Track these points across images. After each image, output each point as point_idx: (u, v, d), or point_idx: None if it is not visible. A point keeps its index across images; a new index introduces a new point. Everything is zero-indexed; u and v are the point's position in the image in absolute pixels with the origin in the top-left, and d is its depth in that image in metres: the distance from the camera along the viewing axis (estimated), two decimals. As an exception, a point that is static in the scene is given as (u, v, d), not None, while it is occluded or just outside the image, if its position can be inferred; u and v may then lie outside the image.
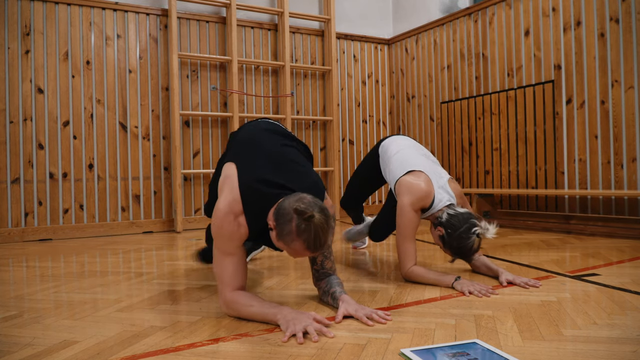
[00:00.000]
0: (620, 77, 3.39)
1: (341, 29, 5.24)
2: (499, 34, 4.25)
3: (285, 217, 1.49)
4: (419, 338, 1.44)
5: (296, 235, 1.48)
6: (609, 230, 3.43)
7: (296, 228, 1.47)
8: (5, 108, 3.74)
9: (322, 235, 1.49)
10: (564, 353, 1.30)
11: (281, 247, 1.57)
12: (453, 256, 2.04)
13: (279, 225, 1.51)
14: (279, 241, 1.54)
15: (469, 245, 1.96)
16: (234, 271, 1.64)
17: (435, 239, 2.10)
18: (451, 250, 2.02)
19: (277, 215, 1.52)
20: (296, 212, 1.47)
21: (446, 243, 2.01)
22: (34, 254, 3.17)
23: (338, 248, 3.18)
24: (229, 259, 1.63)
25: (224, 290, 1.65)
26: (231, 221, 1.60)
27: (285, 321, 1.51)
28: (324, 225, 1.50)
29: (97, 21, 4.08)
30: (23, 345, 1.43)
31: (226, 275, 1.64)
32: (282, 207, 1.52)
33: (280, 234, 1.51)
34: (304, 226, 1.47)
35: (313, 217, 1.48)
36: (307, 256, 1.58)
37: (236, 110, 4.48)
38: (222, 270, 1.64)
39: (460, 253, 2.00)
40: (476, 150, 4.46)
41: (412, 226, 2.09)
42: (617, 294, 1.87)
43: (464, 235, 1.96)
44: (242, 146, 1.81)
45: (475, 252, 2.02)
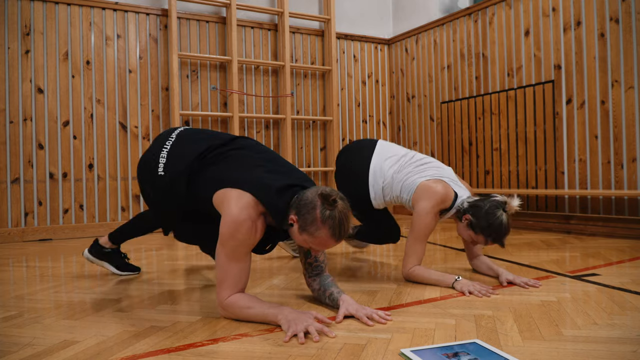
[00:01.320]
0: (620, 77, 3.39)
1: (341, 29, 5.24)
2: (499, 34, 4.25)
3: (309, 206, 1.50)
4: (419, 338, 1.44)
5: (321, 222, 1.48)
6: (609, 230, 3.44)
7: (320, 215, 1.48)
8: (5, 108, 3.74)
9: (345, 222, 1.50)
10: (564, 353, 1.30)
11: (304, 241, 1.55)
12: (487, 239, 1.99)
13: (301, 216, 1.51)
14: (302, 234, 1.53)
15: (499, 220, 1.95)
16: (238, 277, 1.61)
17: (464, 234, 2.08)
18: (484, 233, 1.98)
19: (299, 207, 1.52)
20: (321, 196, 1.48)
21: (476, 226, 1.99)
22: (34, 254, 3.17)
23: (338, 248, 3.18)
24: (235, 265, 1.59)
25: (222, 294, 1.61)
26: (249, 227, 1.55)
27: (287, 321, 1.50)
28: (347, 212, 1.51)
29: (97, 21, 4.08)
30: (23, 345, 1.43)
31: (229, 280, 1.60)
32: (305, 197, 1.52)
33: (304, 225, 1.51)
34: (329, 213, 1.47)
35: (337, 203, 1.49)
36: (330, 247, 1.57)
37: (236, 110, 4.48)
38: (225, 274, 1.60)
39: (492, 231, 1.96)
40: (476, 150, 4.46)
41: (428, 229, 2.09)
42: (617, 294, 1.87)
43: (491, 212, 1.96)
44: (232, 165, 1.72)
45: (507, 229, 1.97)
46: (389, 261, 2.72)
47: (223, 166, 1.71)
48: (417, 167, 2.23)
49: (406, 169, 2.23)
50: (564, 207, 3.77)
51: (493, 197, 2.02)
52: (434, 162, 2.27)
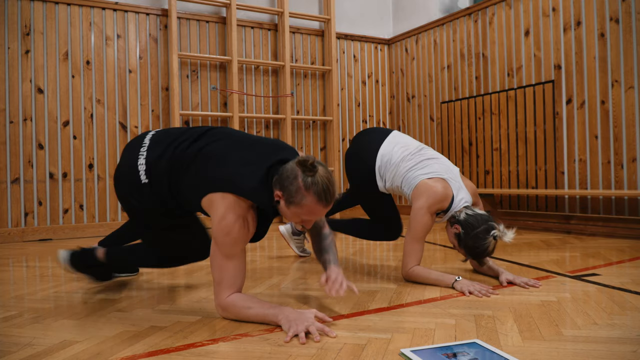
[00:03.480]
0: (620, 77, 3.39)
1: (341, 29, 5.24)
2: (499, 34, 4.25)
3: (290, 177, 1.50)
4: (419, 338, 1.44)
5: (305, 190, 1.48)
6: (609, 230, 3.43)
7: (303, 183, 1.48)
8: (5, 108, 3.74)
9: (330, 185, 1.50)
10: (564, 353, 1.30)
11: (292, 215, 1.54)
12: (466, 256, 2.03)
13: (285, 189, 1.51)
14: (289, 207, 1.53)
15: (485, 246, 1.96)
16: (235, 275, 1.60)
17: (450, 238, 2.09)
18: (465, 250, 2.01)
19: (281, 180, 1.52)
20: (299, 163, 1.48)
21: (461, 241, 2.01)
22: (34, 254, 3.17)
23: (338, 248, 3.18)
24: (231, 263, 1.59)
25: (221, 294, 1.61)
26: (242, 225, 1.55)
27: (287, 321, 1.50)
28: (329, 175, 1.52)
29: (97, 21, 4.08)
30: (23, 345, 1.43)
31: (226, 279, 1.60)
32: (284, 170, 1.52)
33: (289, 198, 1.51)
34: (310, 179, 1.48)
35: (316, 167, 1.49)
36: (321, 215, 1.57)
37: (236, 111, 4.48)
38: (222, 274, 1.60)
39: (475, 253, 1.99)
40: (476, 150, 4.46)
41: (424, 229, 2.09)
42: (617, 294, 1.87)
43: (481, 236, 1.96)
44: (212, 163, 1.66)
45: (490, 254, 2.01)
46: (389, 261, 2.72)
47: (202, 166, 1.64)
48: (423, 161, 2.20)
49: (411, 160, 2.21)
50: (564, 207, 3.77)
51: (490, 221, 1.98)
52: (442, 159, 2.25)
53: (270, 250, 3.11)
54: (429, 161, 2.21)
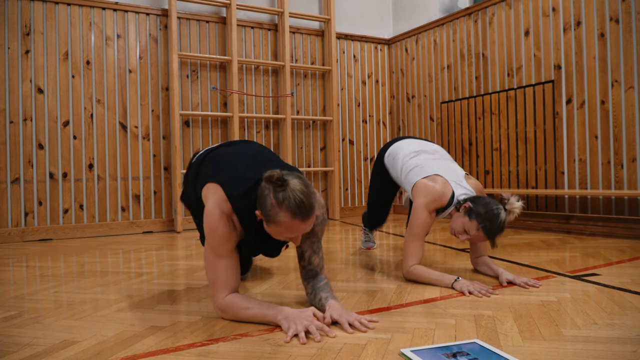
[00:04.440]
0: (620, 77, 3.39)
1: (341, 29, 5.24)
2: (499, 34, 4.25)
3: (263, 194, 1.46)
4: (419, 338, 1.44)
5: (277, 206, 1.42)
6: (609, 230, 3.43)
7: (274, 199, 1.42)
8: (5, 108, 3.74)
9: (304, 198, 1.42)
10: (564, 353, 1.30)
11: (276, 233, 1.50)
12: (479, 225, 1.96)
13: (262, 208, 1.47)
14: (269, 226, 1.49)
15: (497, 212, 1.95)
16: (228, 274, 1.60)
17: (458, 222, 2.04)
18: (478, 218, 1.97)
19: (259, 199, 1.49)
20: (267, 180, 1.43)
21: (472, 212, 1.99)
22: (34, 254, 3.17)
23: (338, 248, 3.18)
24: (223, 262, 1.59)
25: (218, 295, 1.61)
26: (226, 222, 1.56)
27: (287, 321, 1.50)
28: (302, 188, 1.43)
29: (97, 21, 4.08)
30: (23, 345, 1.43)
31: (220, 279, 1.60)
32: (260, 189, 1.50)
33: (266, 216, 1.46)
34: (282, 194, 1.41)
35: (286, 181, 1.42)
36: (302, 231, 1.49)
37: (236, 111, 4.48)
38: (216, 274, 1.60)
39: (488, 219, 1.95)
40: (476, 150, 4.46)
41: (424, 226, 2.10)
42: (617, 294, 1.87)
43: (492, 203, 1.98)
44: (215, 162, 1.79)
45: (502, 227, 1.97)
46: (389, 261, 2.72)
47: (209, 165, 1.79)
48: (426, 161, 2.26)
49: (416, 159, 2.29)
50: (564, 207, 3.77)
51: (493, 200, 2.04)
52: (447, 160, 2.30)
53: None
54: (433, 162, 2.25)
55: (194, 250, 3.22)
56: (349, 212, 5.23)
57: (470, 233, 2.01)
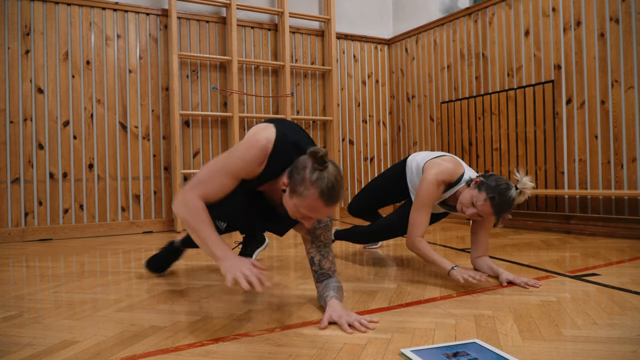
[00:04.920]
0: (620, 77, 3.39)
1: (341, 29, 5.24)
2: (499, 34, 4.25)
3: (299, 167, 1.47)
4: (419, 338, 1.44)
5: (309, 182, 1.44)
6: (609, 230, 3.43)
7: (309, 175, 1.44)
8: (5, 108, 3.74)
9: (336, 185, 1.45)
10: (564, 353, 1.30)
11: (294, 207, 1.49)
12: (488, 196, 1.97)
13: (292, 179, 1.48)
14: (292, 197, 1.48)
15: (507, 187, 1.97)
16: (216, 187, 1.53)
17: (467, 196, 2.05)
18: (488, 190, 1.98)
19: (291, 170, 1.50)
20: (311, 154, 1.45)
21: (482, 185, 2.01)
22: (34, 254, 3.17)
23: (338, 248, 3.18)
24: (222, 179, 1.53)
25: (192, 190, 1.52)
26: (258, 154, 1.53)
27: (227, 266, 1.42)
28: (337, 175, 1.46)
29: (97, 21, 4.08)
30: (23, 345, 1.43)
31: (207, 187, 1.52)
32: (297, 161, 1.51)
33: (293, 187, 1.47)
34: (318, 173, 1.44)
35: (326, 163, 1.45)
36: (320, 215, 1.49)
37: (236, 111, 4.48)
38: (207, 179, 1.53)
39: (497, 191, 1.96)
40: (476, 150, 4.46)
41: (430, 197, 2.13)
42: (617, 294, 1.87)
43: (503, 180, 2.00)
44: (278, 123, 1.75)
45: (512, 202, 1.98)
46: (389, 261, 2.72)
47: None
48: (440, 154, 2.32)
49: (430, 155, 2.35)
50: (564, 207, 3.77)
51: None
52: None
53: (270, 250, 3.11)
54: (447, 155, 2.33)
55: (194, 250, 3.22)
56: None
57: (477, 204, 2.00)
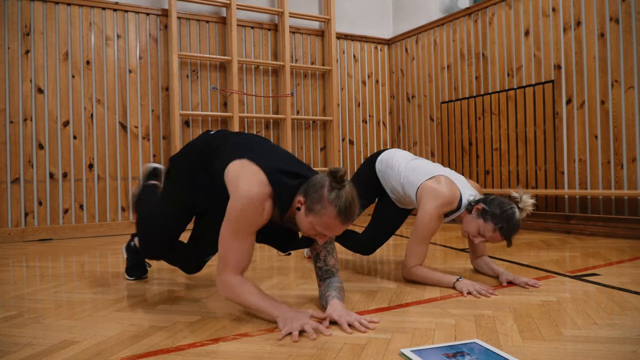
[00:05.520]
0: (620, 77, 3.39)
1: (341, 29, 5.24)
2: (499, 34, 4.25)
3: (317, 185, 1.50)
4: (419, 338, 1.44)
5: (327, 201, 1.47)
6: (609, 230, 3.43)
7: (327, 193, 1.47)
8: (5, 108, 3.74)
9: (352, 204, 1.49)
10: (564, 353, 1.30)
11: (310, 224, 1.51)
12: (496, 226, 1.94)
13: (308, 196, 1.50)
14: (308, 215, 1.51)
15: (512, 211, 1.94)
16: (242, 255, 1.58)
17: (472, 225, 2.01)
18: (494, 219, 1.94)
19: (307, 187, 1.52)
20: (331, 173, 1.48)
21: (487, 213, 1.96)
22: (34, 254, 3.17)
23: (338, 248, 3.18)
24: (240, 243, 1.56)
25: (225, 271, 1.58)
26: (257, 206, 1.53)
27: (283, 319, 1.50)
28: (354, 195, 1.50)
29: (97, 21, 4.08)
30: (23, 345, 1.43)
31: (233, 258, 1.57)
32: (314, 180, 1.53)
33: (310, 205, 1.49)
34: (336, 192, 1.47)
35: (344, 182, 1.48)
36: (335, 232, 1.53)
37: (236, 111, 4.48)
38: (229, 252, 1.57)
39: (505, 220, 1.93)
40: (476, 150, 4.46)
41: (431, 230, 2.06)
42: (617, 294, 1.87)
43: (505, 202, 1.96)
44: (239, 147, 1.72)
45: (519, 224, 1.96)
46: (389, 261, 2.72)
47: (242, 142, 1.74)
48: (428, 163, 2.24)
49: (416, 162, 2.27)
50: (564, 207, 3.77)
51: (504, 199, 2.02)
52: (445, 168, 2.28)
53: (271, 250, 3.11)
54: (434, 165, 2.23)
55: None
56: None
57: (486, 235, 1.98)
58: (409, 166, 2.25)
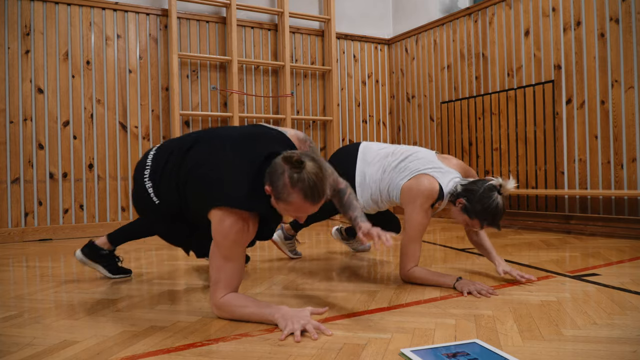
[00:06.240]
0: (620, 77, 3.39)
1: (341, 29, 5.24)
2: (499, 34, 4.25)
3: (277, 172, 1.47)
4: (419, 338, 1.44)
5: (291, 186, 1.44)
6: (609, 230, 3.43)
7: (289, 179, 1.44)
8: (5, 108, 3.74)
9: (318, 182, 1.46)
10: (564, 353, 1.30)
11: (283, 210, 1.52)
12: (482, 222, 1.95)
13: (273, 185, 1.48)
14: (278, 203, 1.50)
15: (494, 204, 1.91)
16: (232, 276, 1.60)
17: (459, 218, 2.03)
18: (479, 216, 1.94)
19: (270, 174, 1.50)
20: (285, 160, 1.45)
21: (470, 211, 1.95)
22: (34, 254, 3.17)
23: (338, 248, 3.18)
24: (229, 264, 1.59)
25: (216, 293, 1.61)
26: (240, 228, 1.55)
27: (284, 320, 1.50)
28: (317, 171, 1.46)
29: (97, 21, 4.08)
30: (23, 345, 1.43)
31: (223, 279, 1.60)
32: (274, 165, 1.50)
33: (277, 194, 1.48)
34: (297, 175, 1.44)
35: (303, 163, 1.45)
36: (311, 212, 1.52)
37: (236, 111, 4.48)
38: (219, 275, 1.60)
39: (488, 214, 1.92)
40: (476, 150, 4.46)
41: (421, 228, 2.06)
42: (617, 294, 1.87)
43: (486, 195, 1.92)
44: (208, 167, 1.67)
45: (503, 211, 1.95)
46: (389, 261, 2.72)
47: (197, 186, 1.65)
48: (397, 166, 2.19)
49: (388, 174, 2.22)
50: (564, 207, 3.77)
51: (487, 180, 1.98)
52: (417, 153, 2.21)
53: (270, 250, 3.11)
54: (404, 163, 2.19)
55: (194, 250, 3.22)
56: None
57: (475, 229, 2.02)
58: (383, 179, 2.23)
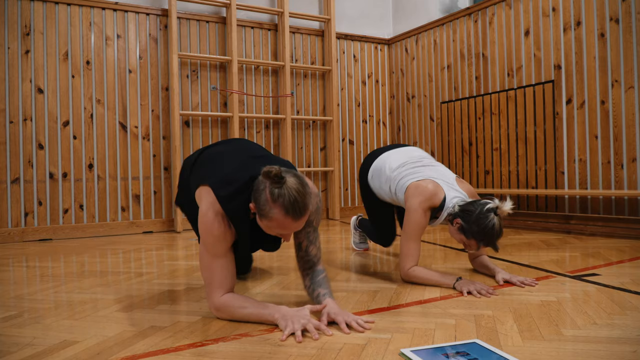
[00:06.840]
0: (620, 77, 3.39)
1: (341, 29, 5.24)
2: (499, 34, 4.25)
3: (259, 188, 1.46)
4: (419, 338, 1.44)
5: (272, 202, 1.42)
6: (609, 230, 3.43)
7: (270, 195, 1.42)
8: (5, 108, 3.74)
9: (299, 197, 1.43)
10: (564, 353, 1.30)
11: (267, 228, 1.50)
12: (479, 243, 1.95)
13: (256, 202, 1.47)
14: (261, 220, 1.48)
15: (490, 225, 1.90)
16: (224, 274, 1.60)
17: (457, 237, 2.04)
18: (475, 237, 1.94)
19: (254, 192, 1.49)
20: (265, 175, 1.43)
21: (467, 231, 1.95)
22: (34, 254, 3.17)
23: (338, 248, 3.18)
24: (218, 262, 1.59)
25: (213, 294, 1.60)
26: (220, 222, 1.55)
27: (284, 320, 1.50)
28: (298, 187, 1.44)
29: (97, 21, 4.08)
30: (23, 345, 1.43)
31: (216, 279, 1.59)
32: (257, 182, 1.50)
33: (259, 210, 1.47)
34: (277, 191, 1.42)
35: (283, 179, 1.43)
36: (294, 229, 1.49)
37: (236, 110, 4.48)
38: (211, 274, 1.59)
39: (485, 235, 1.92)
40: (476, 150, 4.46)
41: (418, 226, 2.06)
42: (617, 294, 1.87)
43: (482, 216, 1.91)
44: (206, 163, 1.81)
45: (500, 233, 1.94)
46: (389, 261, 2.72)
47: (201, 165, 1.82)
48: (414, 168, 2.23)
49: (404, 169, 2.24)
50: (564, 207, 3.77)
51: (484, 201, 1.98)
52: (438, 166, 2.26)
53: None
54: (423, 168, 2.22)
55: (194, 250, 3.22)
56: (349, 212, 5.24)
57: (473, 249, 2.01)
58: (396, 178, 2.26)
